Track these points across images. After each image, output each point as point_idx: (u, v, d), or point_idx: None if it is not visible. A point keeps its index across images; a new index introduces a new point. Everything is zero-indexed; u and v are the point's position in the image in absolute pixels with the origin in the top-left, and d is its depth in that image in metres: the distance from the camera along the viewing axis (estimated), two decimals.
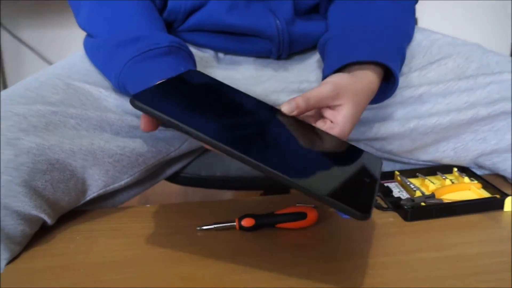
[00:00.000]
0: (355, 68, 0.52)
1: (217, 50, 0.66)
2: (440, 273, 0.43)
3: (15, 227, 0.46)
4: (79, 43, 0.60)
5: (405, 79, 0.63)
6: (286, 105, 0.46)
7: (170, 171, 0.65)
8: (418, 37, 0.67)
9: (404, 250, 0.47)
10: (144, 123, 0.42)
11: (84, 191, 0.54)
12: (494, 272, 0.44)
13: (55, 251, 0.48)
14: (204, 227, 0.51)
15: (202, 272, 0.44)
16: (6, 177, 0.45)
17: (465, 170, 0.63)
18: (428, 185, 0.59)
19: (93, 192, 0.55)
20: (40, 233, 0.51)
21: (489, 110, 0.58)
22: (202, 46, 0.65)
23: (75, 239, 0.51)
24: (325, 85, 0.47)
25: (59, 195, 0.50)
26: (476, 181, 0.60)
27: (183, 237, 0.50)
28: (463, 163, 0.63)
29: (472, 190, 0.59)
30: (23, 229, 0.47)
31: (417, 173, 0.63)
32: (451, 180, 0.60)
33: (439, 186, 0.60)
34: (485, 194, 0.58)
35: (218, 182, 0.68)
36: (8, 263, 0.46)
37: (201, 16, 0.60)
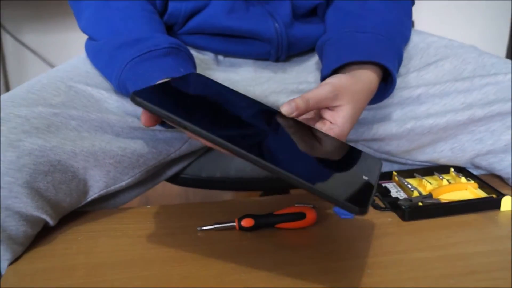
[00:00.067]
0: (353, 68, 0.52)
1: (216, 53, 0.67)
2: (438, 272, 0.44)
3: (17, 228, 0.47)
4: (81, 46, 0.60)
5: (403, 80, 0.63)
6: (285, 106, 0.46)
7: (171, 172, 0.65)
8: (415, 39, 0.67)
9: (402, 249, 0.48)
10: (144, 118, 0.42)
11: (85, 192, 0.54)
12: (491, 271, 0.44)
13: (56, 251, 0.49)
14: (205, 228, 0.52)
15: (202, 272, 0.45)
16: (8, 178, 0.45)
17: (462, 170, 0.64)
18: (426, 185, 0.60)
19: (94, 193, 0.55)
20: (42, 234, 0.51)
21: (486, 111, 0.58)
22: (202, 48, 0.66)
23: (77, 240, 0.51)
24: (324, 86, 0.48)
25: (61, 196, 0.51)
26: (472, 181, 0.60)
27: (183, 238, 0.50)
28: (460, 163, 0.64)
29: (469, 190, 0.59)
30: (25, 230, 0.48)
31: (415, 173, 0.63)
32: (448, 180, 0.61)
33: (436, 186, 0.60)
34: (482, 194, 0.58)
35: (218, 183, 0.69)
36: (11, 263, 0.47)
37: (201, 19, 0.61)
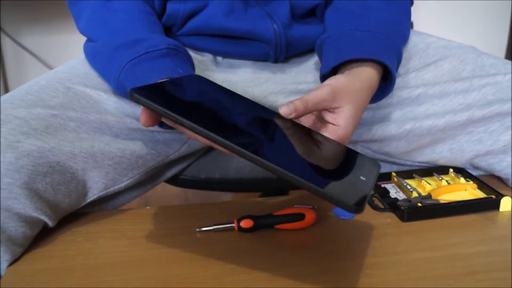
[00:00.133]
0: (353, 66, 0.52)
1: (215, 54, 0.67)
2: (437, 273, 0.44)
3: (16, 229, 0.47)
4: (80, 48, 0.60)
5: (402, 80, 0.63)
6: (284, 108, 0.45)
7: (170, 173, 0.65)
8: (414, 40, 0.67)
9: (401, 250, 0.48)
10: (143, 118, 0.42)
11: (84, 193, 0.54)
12: (490, 271, 0.44)
13: (56, 253, 0.49)
14: (204, 229, 0.52)
15: (201, 273, 0.45)
16: (7, 179, 0.45)
17: (461, 171, 0.64)
18: (425, 186, 0.60)
19: (93, 194, 0.55)
20: (41, 235, 0.51)
21: (484, 112, 0.58)
22: (201, 50, 0.66)
23: (76, 241, 0.51)
24: (323, 88, 0.47)
25: (60, 197, 0.51)
26: (471, 182, 0.61)
27: (183, 239, 0.51)
28: (459, 164, 0.64)
29: (468, 191, 0.59)
30: (24, 231, 0.48)
31: (414, 174, 0.63)
32: (447, 181, 0.61)
33: (436, 187, 0.60)
34: (481, 194, 0.58)
35: (217, 184, 0.69)
36: (10, 264, 0.47)
37: (199, 20, 0.61)
